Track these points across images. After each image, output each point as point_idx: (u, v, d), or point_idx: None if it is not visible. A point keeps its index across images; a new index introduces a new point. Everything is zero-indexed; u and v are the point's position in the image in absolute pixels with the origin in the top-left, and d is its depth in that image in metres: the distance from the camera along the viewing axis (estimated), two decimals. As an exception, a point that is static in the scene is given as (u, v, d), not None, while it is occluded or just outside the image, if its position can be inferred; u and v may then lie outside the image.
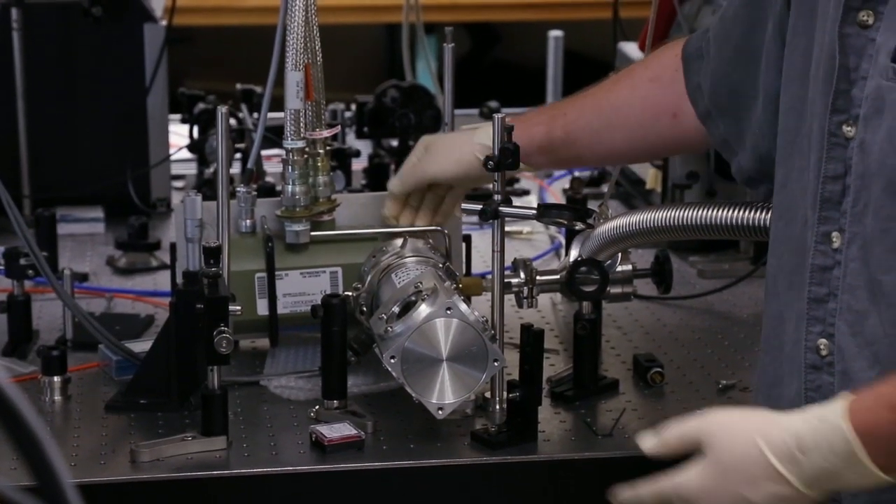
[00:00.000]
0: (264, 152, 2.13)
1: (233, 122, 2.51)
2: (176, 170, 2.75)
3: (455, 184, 2.15)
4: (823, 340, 1.60)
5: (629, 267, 2.05)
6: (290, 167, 2.02)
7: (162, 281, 2.35)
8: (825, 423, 1.43)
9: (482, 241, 2.13)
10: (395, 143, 2.71)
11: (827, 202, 1.60)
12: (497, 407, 1.89)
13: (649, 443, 1.56)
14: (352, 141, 2.73)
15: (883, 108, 1.54)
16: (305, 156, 2.02)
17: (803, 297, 1.64)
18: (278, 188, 2.06)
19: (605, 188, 2.68)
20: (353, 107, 2.69)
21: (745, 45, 1.87)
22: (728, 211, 1.92)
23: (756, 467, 1.46)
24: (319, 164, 2.04)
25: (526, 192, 2.78)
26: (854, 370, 1.55)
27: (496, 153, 1.94)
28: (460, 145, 2.11)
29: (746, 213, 1.93)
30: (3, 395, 0.69)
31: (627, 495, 1.56)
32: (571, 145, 2.10)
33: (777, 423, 1.49)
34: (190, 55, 4.05)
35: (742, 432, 1.50)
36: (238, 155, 2.45)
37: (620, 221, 1.97)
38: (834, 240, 1.59)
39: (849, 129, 1.57)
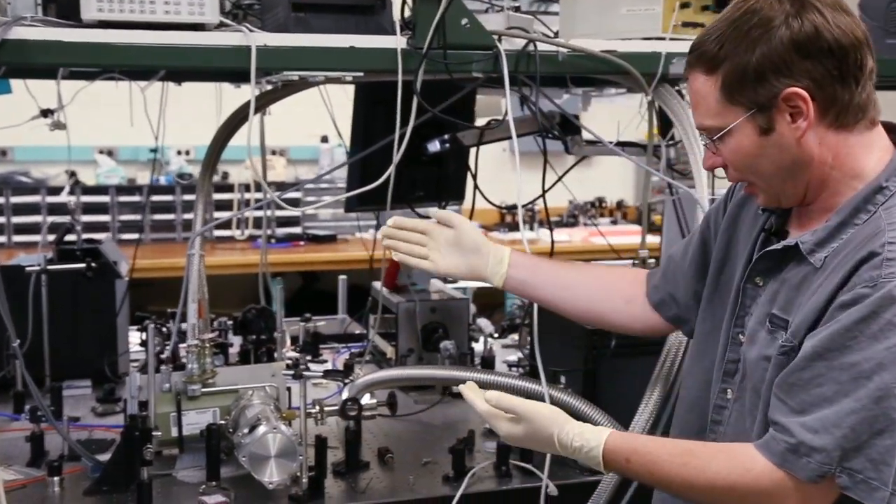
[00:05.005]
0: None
1: (164, 329, 2.49)
2: (133, 357, 2.64)
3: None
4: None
5: (374, 401, 2.05)
6: (191, 354, 1.98)
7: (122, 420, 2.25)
8: (590, 442, 1.34)
9: (296, 389, 2.05)
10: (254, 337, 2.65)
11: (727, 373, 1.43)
12: (304, 479, 1.83)
13: (493, 397, 1.42)
14: (231, 337, 2.69)
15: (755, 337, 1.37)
16: (198, 348, 1.98)
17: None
18: (186, 365, 2.00)
19: (367, 357, 2.67)
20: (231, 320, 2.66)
21: (689, 267, 1.58)
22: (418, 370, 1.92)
23: (549, 447, 1.39)
24: (207, 352, 1.99)
25: (325, 361, 2.72)
26: None
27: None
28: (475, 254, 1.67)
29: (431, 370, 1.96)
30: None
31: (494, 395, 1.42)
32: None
33: (564, 426, 1.37)
34: (149, 292, 3.95)
35: (546, 424, 1.37)
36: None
37: (368, 378, 1.99)
38: (728, 394, 1.42)
39: (742, 338, 1.40)
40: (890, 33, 2.56)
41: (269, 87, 2.06)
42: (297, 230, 5.03)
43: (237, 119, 2.22)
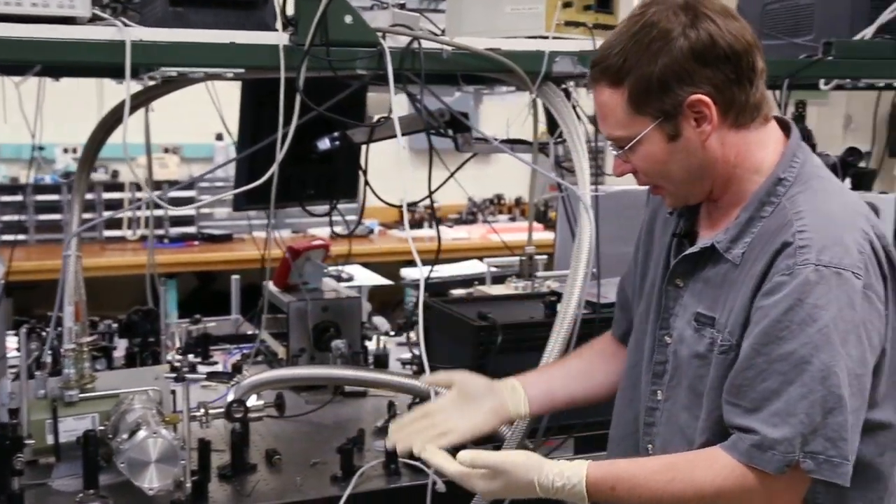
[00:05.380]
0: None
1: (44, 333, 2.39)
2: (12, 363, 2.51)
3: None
4: (650, 445, 1.51)
5: (261, 402, 2.02)
6: (67, 359, 1.92)
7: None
8: (572, 479, 1.35)
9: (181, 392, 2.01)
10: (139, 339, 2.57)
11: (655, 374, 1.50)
12: (187, 484, 1.80)
13: (467, 457, 1.39)
14: (117, 341, 2.61)
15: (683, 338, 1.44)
16: (76, 352, 1.92)
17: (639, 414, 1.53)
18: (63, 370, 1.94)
19: (258, 358, 2.63)
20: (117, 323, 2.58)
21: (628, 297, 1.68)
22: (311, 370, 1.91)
23: (530, 493, 1.38)
24: (85, 356, 1.93)
25: (216, 363, 2.66)
26: None
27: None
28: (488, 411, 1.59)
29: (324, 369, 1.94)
30: None
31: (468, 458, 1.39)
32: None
33: (541, 469, 1.36)
34: (34, 295, 3.80)
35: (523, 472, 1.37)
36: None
37: (253, 379, 1.96)
38: (658, 395, 1.49)
39: (669, 339, 1.48)
40: (765, 35, 2.66)
41: (151, 83, 2.01)
42: (191, 230, 4.93)
43: (116, 116, 2.16)
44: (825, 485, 1.31)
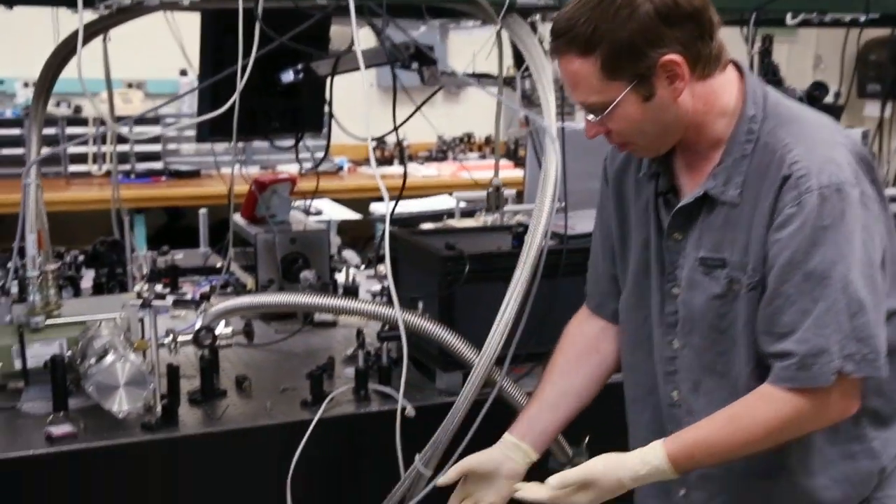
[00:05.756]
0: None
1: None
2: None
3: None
4: (675, 392, 1.55)
5: (230, 329, 2.04)
6: (32, 286, 1.93)
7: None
8: (653, 462, 1.42)
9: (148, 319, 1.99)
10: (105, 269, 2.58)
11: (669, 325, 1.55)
12: (157, 408, 1.83)
13: (555, 481, 1.47)
14: (85, 272, 2.61)
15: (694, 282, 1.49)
16: (40, 279, 1.92)
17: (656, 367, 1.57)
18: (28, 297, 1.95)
19: (228, 290, 2.64)
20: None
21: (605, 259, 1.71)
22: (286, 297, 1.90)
23: (622, 490, 1.46)
24: (50, 283, 1.94)
25: (185, 293, 2.63)
26: (694, 408, 1.52)
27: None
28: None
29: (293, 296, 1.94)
30: None
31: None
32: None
33: (624, 464, 1.44)
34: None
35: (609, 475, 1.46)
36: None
37: (221, 306, 1.96)
38: (674, 344, 1.54)
39: (676, 290, 1.53)
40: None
41: (106, 12, 1.99)
42: (158, 165, 4.90)
43: (70, 46, 2.13)
44: (864, 379, 1.41)
